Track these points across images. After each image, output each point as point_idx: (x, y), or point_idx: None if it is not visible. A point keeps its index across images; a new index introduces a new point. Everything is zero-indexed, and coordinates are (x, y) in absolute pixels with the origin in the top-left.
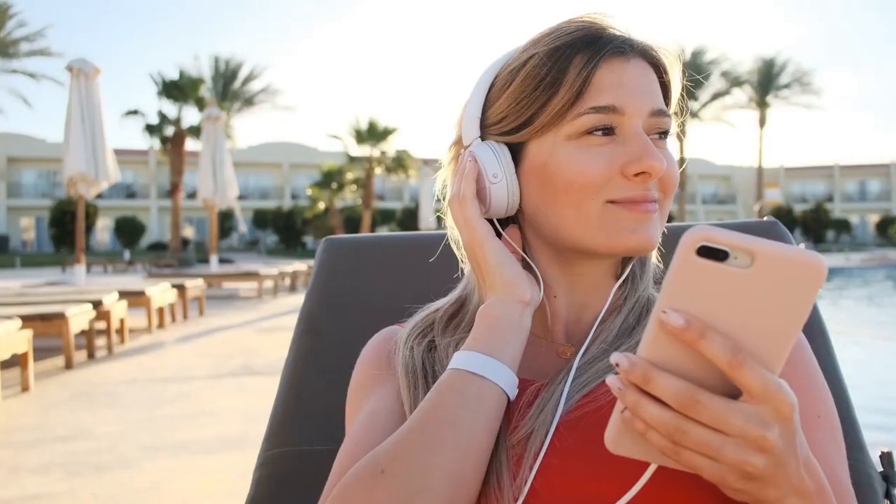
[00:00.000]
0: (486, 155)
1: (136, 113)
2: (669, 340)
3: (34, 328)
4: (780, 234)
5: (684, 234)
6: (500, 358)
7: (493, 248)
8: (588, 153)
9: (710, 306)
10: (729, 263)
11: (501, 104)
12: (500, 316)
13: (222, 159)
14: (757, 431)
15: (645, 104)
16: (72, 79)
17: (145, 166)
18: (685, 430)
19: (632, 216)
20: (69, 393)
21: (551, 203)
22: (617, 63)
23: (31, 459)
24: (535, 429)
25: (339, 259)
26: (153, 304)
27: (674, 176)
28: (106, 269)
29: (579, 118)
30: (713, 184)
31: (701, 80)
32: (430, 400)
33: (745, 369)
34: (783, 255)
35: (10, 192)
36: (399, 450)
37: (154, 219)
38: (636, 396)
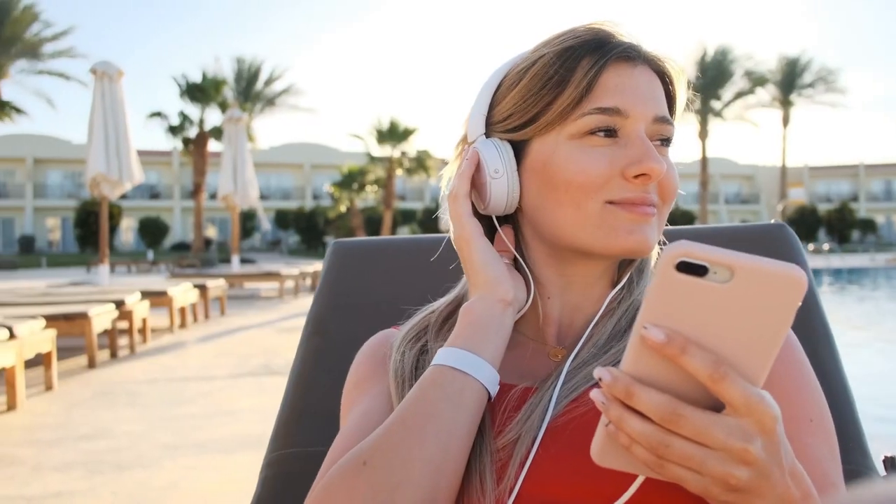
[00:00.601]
0: (489, 150)
1: (159, 115)
2: (651, 355)
3: (58, 328)
4: (788, 238)
5: (664, 250)
6: (480, 354)
7: (479, 247)
8: (590, 153)
9: (691, 321)
10: (709, 278)
11: (508, 102)
12: (481, 314)
13: (243, 160)
14: (739, 444)
15: (649, 109)
16: (95, 81)
17: (169, 167)
18: (668, 443)
19: (630, 217)
20: (91, 392)
21: (551, 201)
22: (624, 67)
23: (54, 458)
24: (522, 434)
25: (347, 261)
26: (175, 303)
27: (674, 183)
28: (130, 269)
29: (583, 118)
30: (736, 183)
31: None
32: (412, 395)
33: (726, 383)
34: (762, 269)
35: (37, 192)
36: (381, 443)
37: (177, 219)
38: (619, 411)
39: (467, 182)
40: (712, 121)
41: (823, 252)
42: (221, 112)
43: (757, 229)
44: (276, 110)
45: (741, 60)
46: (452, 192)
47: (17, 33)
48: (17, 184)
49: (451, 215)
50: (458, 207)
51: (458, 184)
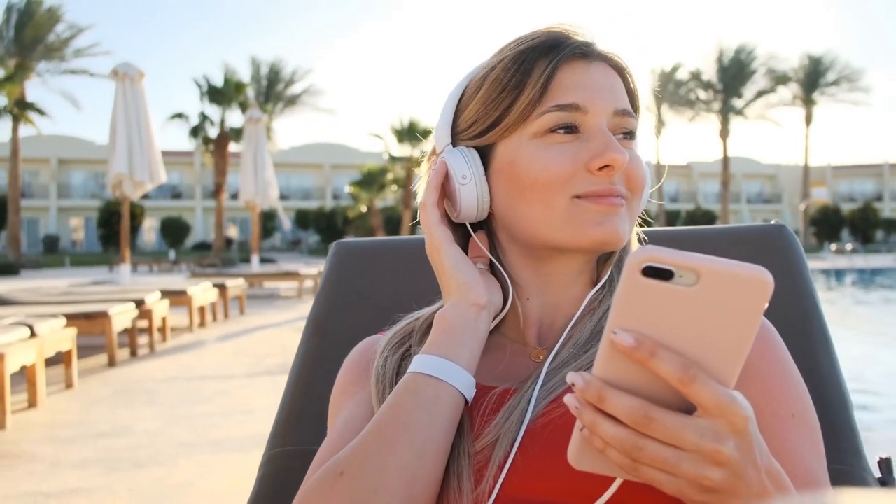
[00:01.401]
0: (456, 158)
1: (181, 116)
2: (623, 359)
3: (78, 326)
4: (788, 239)
5: (629, 255)
6: (455, 360)
7: (449, 253)
8: (553, 150)
9: (659, 325)
10: (675, 282)
11: (471, 110)
12: (455, 319)
13: (263, 160)
14: (711, 446)
15: (608, 103)
16: (117, 82)
17: (190, 167)
18: (641, 446)
19: (598, 209)
20: (111, 390)
21: (519, 201)
22: (579, 64)
23: (72, 454)
24: (501, 436)
25: (348, 262)
26: (194, 303)
27: (640, 173)
28: (151, 268)
29: (543, 116)
30: (758, 183)
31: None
32: (387, 403)
33: (696, 385)
34: (727, 272)
35: (61, 192)
36: (357, 453)
37: (199, 219)
38: (593, 415)
39: (435, 191)
40: (734, 119)
41: (846, 252)
42: (242, 112)
43: (756, 230)
44: (297, 110)
45: (763, 58)
46: (421, 203)
47: (41, 35)
48: (42, 184)
49: (422, 224)
50: (426, 216)
51: (426, 193)
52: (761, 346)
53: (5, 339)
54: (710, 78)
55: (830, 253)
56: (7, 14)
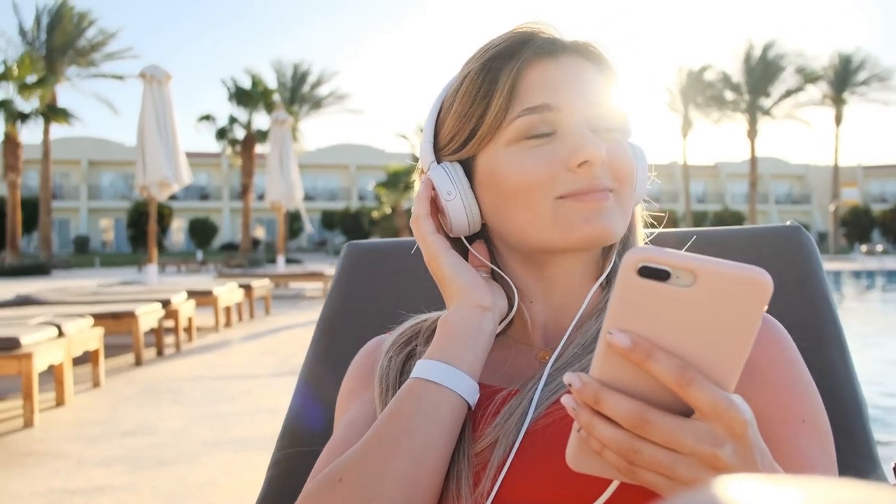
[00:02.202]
0: (439, 175)
1: (208, 118)
2: (619, 360)
3: (105, 326)
4: (803, 240)
5: (625, 255)
6: (457, 365)
7: (447, 259)
8: (529, 154)
9: (656, 326)
10: (671, 283)
11: (448, 125)
12: (458, 323)
13: (289, 161)
14: (709, 450)
15: (580, 97)
16: (144, 85)
17: (218, 169)
18: (637, 449)
19: (583, 207)
20: (137, 389)
21: (505, 209)
22: (545, 63)
23: (98, 452)
24: (500, 438)
25: (360, 263)
26: (220, 303)
27: (623, 163)
28: (179, 268)
29: (514, 122)
30: (787, 183)
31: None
32: (388, 409)
33: (693, 388)
34: (725, 273)
35: (91, 194)
36: (356, 459)
37: (226, 220)
38: (589, 416)
39: (425, 203)
40: (761, 119)
41: (877, 253)
42: (268, 114)
43: (771, 231)
44: (323, 112)
45: (791, 57)
46: (413, 217)
47: (71, 39)
48: (73, 185)
49: (417, 238)
50: (419, 228)
51: (416, 206)
52: (772, 349)
53: (33, 338)
54: (738, 77)
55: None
56: (37, 18)
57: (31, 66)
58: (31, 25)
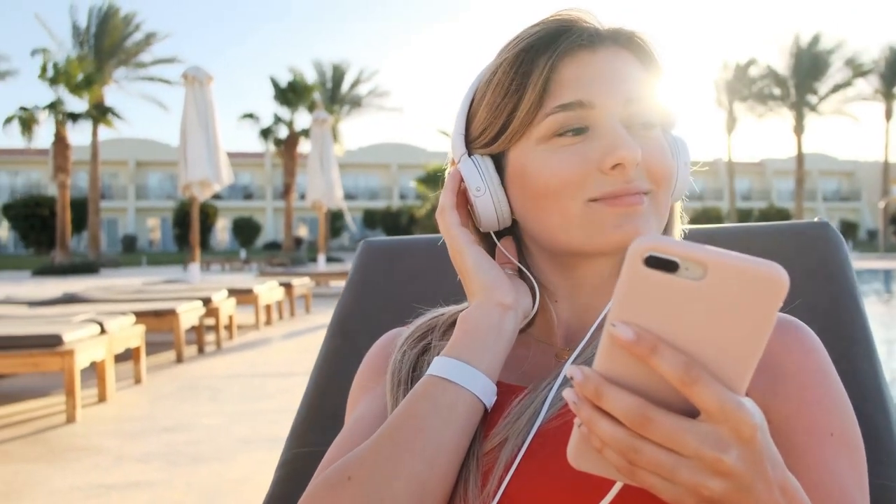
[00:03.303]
0: (469, 169)
1: (251, 117)
2: (623, 354)
3: (147, 324)
4: (831, 237)
5: (632, 244)
6: (475, 365)
7: (471, 254)
8: (561, 153)
9: (662, 320)
10: (680, 275)
11: (480, 117)
12: (478, 320)
13: (329, 161)
14: (712, 453)
15: (617, 94)
16: (187, 86)
17: (261, 168)
18: (637, 448)
19: (615, 211)
20: (177, 386)
21: (535, 209)
22: (582, 56)
23: (136, 448)
24: (509, 437)
25: (375, 262)
26: (261, 301)
27: (661, 164)
28: (223, 267)
29: (547, 119)
30: (835, 180)
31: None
32: (402, 406)
33: (698, 387)
34: (737, 267)
35: (138, 194)
36: (367, 456)
37: (269, 219)
38: (590, 412)
39: (451, 195)
40: (808, 115)
41: None
42: (310, 113)
43: (798, 228)
44: (364, 111)
45: (839, 51)
46: (439, 208)
47: (118, 42)
48: (121, 186)
49: (441, 230)
50: (444, 220)
51: (442, 199)
52: (799, 354)
53: (76, 335)
54: (784, 72)
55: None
56: (86, 18)
57: (80, 67)
58: (82, 27)
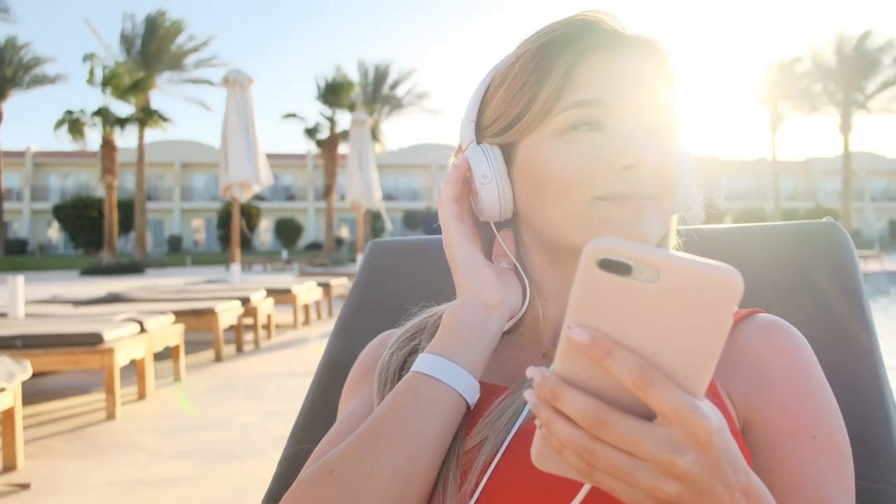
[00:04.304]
0: (477, 156)
1: (294, 116)
2: (581, 356)
3: (187, 323)
4: (838, 237)
5: (586, 246)
6: (458, 361)
7: (462, 250)
8: (574, 148)
9: (618, 323)
10: (634, 277)
11: (494, 105)
12: (463, 318)
13: (368, 162)
14: (667, 457)
15: (635, 96)
16: (228, 89)
17: (303, 170)
18: (594, 450)
19: (621, 212)
20: (215, 384)
21: (540, 202)
22: (605, 55)
23: (172, 445)
24: (489, 436)
25: (382, 262)
26: (299, 301)
27: (669, 170)
28: (266, 267)
29: (563, 113)
30: (884, 179)
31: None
32: (385, 402)
33: (652, 390)
34: (691, 269)
35: (184, 195)
36: (349, 452)
37: (311, 220)
38: (548, 413)
39: (452, 186)
40: (856, 113)
41: None
42: (350, 114)
43: (804, 228)
44: (403, 112)
45: (888, 47)
46: (439, 200)
47: (165, 47)
48: (167, 187)
49: (440, 220)
50: (443, 212)
51: (444, 189)
52: (784, 356)
53: (116, 334)
54: (830, 69)
55: None
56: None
57: (127, 72)
58: (130, 33)
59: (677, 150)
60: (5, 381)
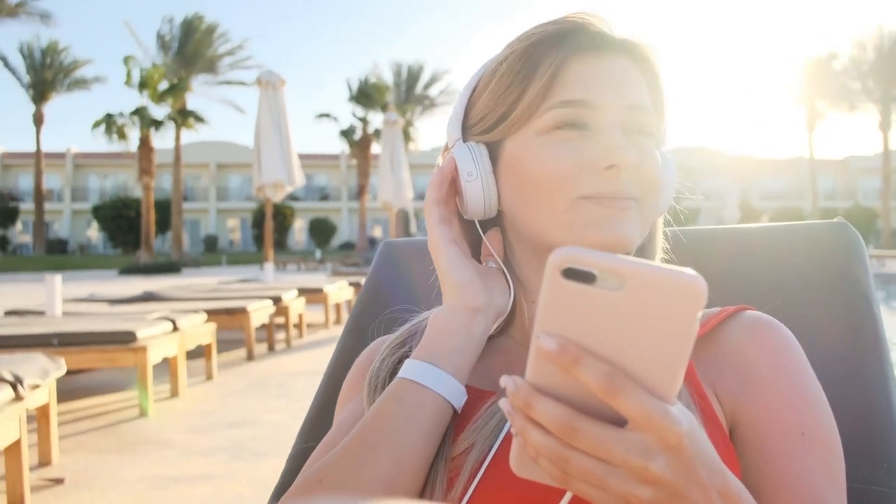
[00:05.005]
0: (463, 154)
1: (327, 116)
2: (551, 365)
3: (219, 322)
4: (849, 238)
5: (550, 255)
6: (442, 366)
7: (446, 253)
8: (558, 147)
9: (586, 330)
10: (598, 286)
11: (482, 104)
12: (446, 322)
13: (399, 162)
14: (638, 462)
15: (619, 98)
16: (260, 90)
17: (337, 170)
18: (567, 457)
19: (604, 212)
20: (247, 382)
21: (524, 200)
22: (591, 57)
23: (203, 442)
24: (476, 443)
25: (394, 261)
26: (330, 300)
27: (652, 172)
28: (299, 267)
29: (548, 112)
30: None
31: None
32: (372, 409)
33: (621, 396)
34: (654, 277)
35: (219, 195)
36: (337, 459)
37: (345, 219)
38: (522, 421)
39: (437, 189)
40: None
41: None
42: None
43: (813, 229)
44: (437, 111)
45: None
46: (425, 202)
47: (200, 50)
48: (203, 187)
49: (426, 224)
50: (428, 216)
51: (429, 192)
52: (771, 354)
53: (149, 332)
54: (868, 65)
55: None
56: (170, 27)
57: (164, 74)
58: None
59: (661, 154)
60: (40, 378)
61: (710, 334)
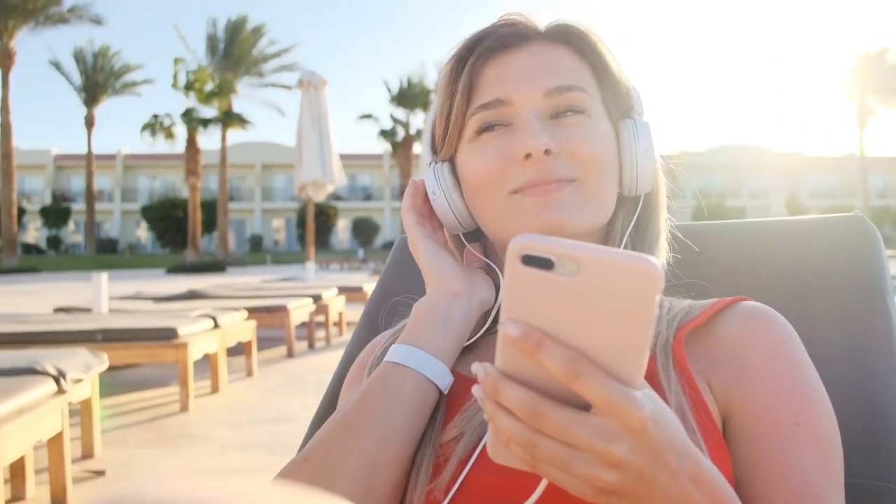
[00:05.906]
0: (428, 176)
1: (369, 117)
2: (517, 351)
3: (259, 319)
4: (866, 231)
5: (510, 242)
6: (424, 347)
7: (423, 247)
8: (484, 150)
9: (548, 316)
10: (556, 272)
11: (436, 126)
12: (428, 307)
13: None
14: (602, 445)
15: (534, 88)
16: (302, 91)
17: (380, 170)
18: (534, 442)
19: (533, 201)
20: (286, 379)
21: (476, 206)
22: (501, 57)
23: (241, 437)
24: (465, 432)
25: (409, 256)
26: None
27: (583, 149)
28: (342, 266)
29: (471, 120)
30: None
31: None
32: (357, 392)
33: (583, 380)
34: (610, 262)
35: (264, 195)
36: (322, 438)
37: (387, 219)
38: (492, 407)
39: (409, 199)
40: None
41: None
42: (424, 113)
43: (829, 222)
44: None
45: None
46: (402, 208)
47: (245, 52)
48: (248, 188)
49: (405, 226)
50: (405, 219)
51: (404, 201)
52: (765, 343)
53: (190, 329)
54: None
55: None
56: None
57: (210, 76)
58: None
59: (629, 125)
60: (83, 372)
61: (705, 326)
